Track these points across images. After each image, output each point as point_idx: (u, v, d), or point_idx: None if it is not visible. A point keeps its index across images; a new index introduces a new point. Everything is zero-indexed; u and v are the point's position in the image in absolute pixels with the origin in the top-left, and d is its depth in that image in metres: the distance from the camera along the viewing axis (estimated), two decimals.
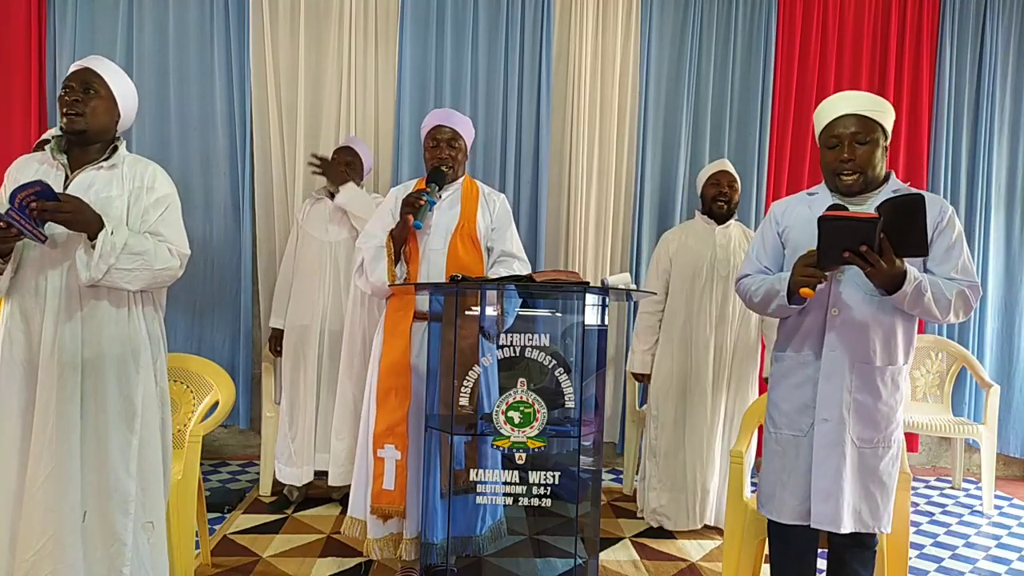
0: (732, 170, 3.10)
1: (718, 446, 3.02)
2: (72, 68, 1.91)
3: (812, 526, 1.83)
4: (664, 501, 3.04)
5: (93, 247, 1.76)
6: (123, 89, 1.95)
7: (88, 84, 1.87)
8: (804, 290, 1.70)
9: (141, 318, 1.93)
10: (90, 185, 1.86)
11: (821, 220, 1.63)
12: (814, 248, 1.70)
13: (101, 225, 1.77)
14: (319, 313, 3.17)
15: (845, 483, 1.80)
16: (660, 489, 3.05)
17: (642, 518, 3.17)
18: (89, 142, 1.90)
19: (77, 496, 1.80)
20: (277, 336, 3.34)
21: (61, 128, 1.88)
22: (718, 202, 3.01)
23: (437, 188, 2.37)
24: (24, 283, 1.82)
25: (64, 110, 1.85)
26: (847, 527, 1.80)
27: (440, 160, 2.43)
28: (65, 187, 1.84)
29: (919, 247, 1.65)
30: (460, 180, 2.50)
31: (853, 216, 1.61)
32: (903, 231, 1.62)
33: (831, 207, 1.72)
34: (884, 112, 1.82)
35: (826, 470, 1.80)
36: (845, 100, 1.83)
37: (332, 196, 3.23)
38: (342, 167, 3.20)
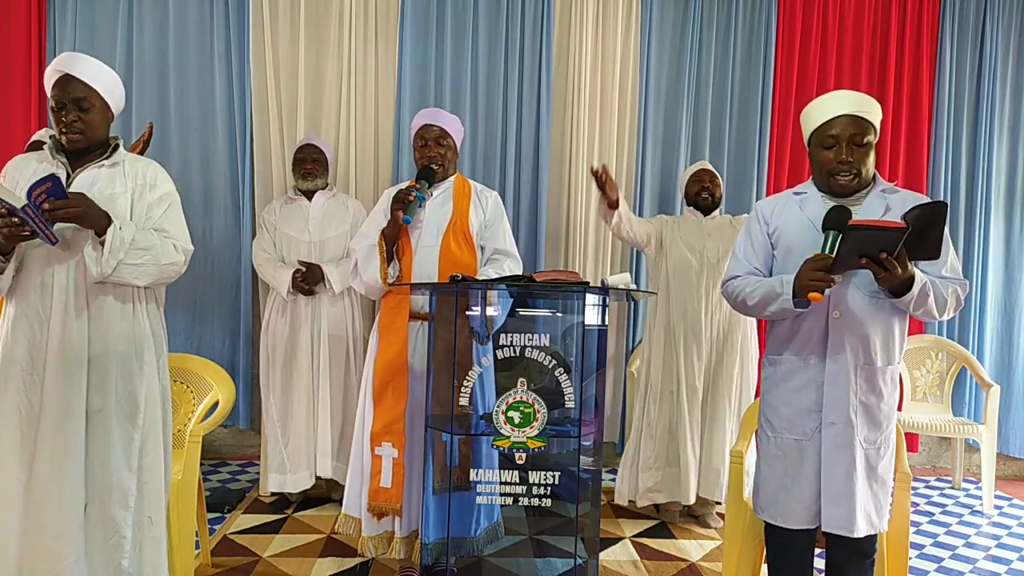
0: (712, 168, 3.35)
1: (727, 424, 3.10)
2: (53, 76, 1.85)
3: (824, 530, 1.82)
4: (659, 478, 3.13)
5: (101, 243, 1.77)
6: (109, 87, 1.92)
7: (79, 100, 1.84)
8: (813, 294, 1.66)
9: (145, 315, 1.94)
10: (93, 183, 1.86)
11: (849, 229, 1.61)
12: (817, 251, 1.69)
13: (109, 221, 1.78)
14: (308, 317, 3.16)
15: (857, 486, 1.79)
16: (656, 468, 3.13)
17: (632, 502, 3.19)
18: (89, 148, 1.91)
19: (82, 494, 1.81)
20: (301, 269, 3.09)
21: (61, 144, 1.88)
22: (702, 195, 3.23)
23: (427, 185, 2.39)
24: (29, 281, 1.82)
25: (62, 128, 1.84)
26: (861, 531, 1.79)
27: (429, 159, 2.44)
28: (68, 185, 1.84)
29: (932, 252, 1.66)
30: (452, 178, 2.51)
31: (882, 225, 1.60)
32: (921, 237, 1.63)
33: (834, 209, 1.72)
34: (875, 112, 1.82)
35: (837, 473, 1.79)
36: (840, 100, 1.81)
37: (307, 196, 3.23)
38: (309, 164, 3.22)
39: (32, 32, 3.56)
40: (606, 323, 2.10)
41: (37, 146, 2.94)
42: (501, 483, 1.97)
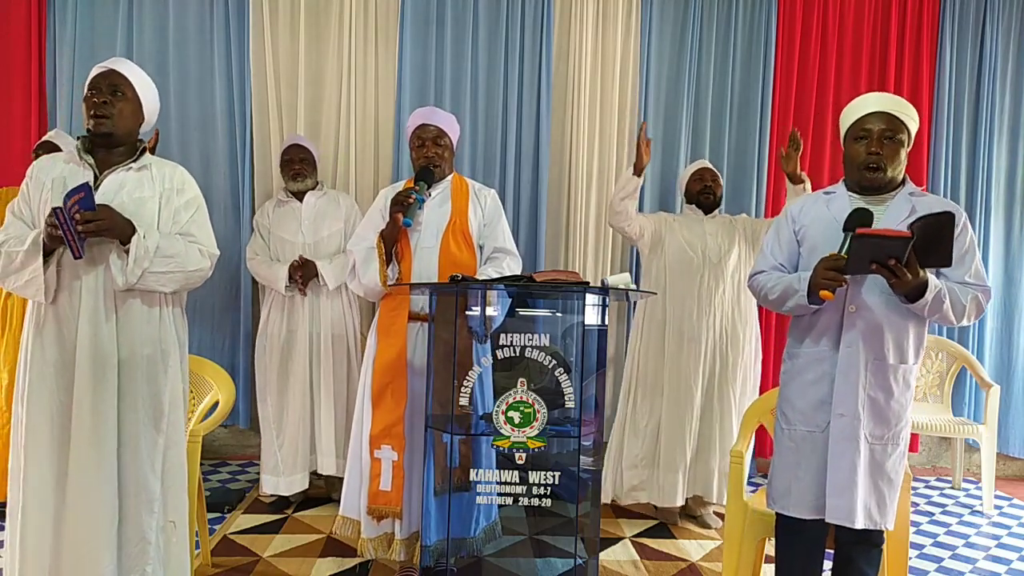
0: (712, 167, 3.38)
1: (733, 424, 3.09)
2: (97, 70, 1.90)
3: (827, 520, 1.84)
4: (645, 477, 3.13)
5: (126, 251, 1.77)
6: (148, 92, 1.96)
7: (115, 87, 1.87)
8: (824, 292, 1.72)
9: (171, 319, 1.95)
10: (122, 186, 1.86)
11: (855, 237, 1.67)
12: (835, 251, 1.74)
13: (133, 230, 1.78)
14: (305, 316, 3.15)
15: (859, 478, 1.82)
16: (641, 466, 3.13)
17: (614, 501, 3.19)
18: (115, 144, 1.91)
19: (115, 500, 1.81)
20: (296, 264, 3.08)
21: (88, 130, 1.88)
22: (704, 194, 3.24)
23: (426, 186, 2.38)
24: (58, 284, 1.82)
25: (92, 112, 1.85)
26: (860, 522, 1.82)
27: (427, 159, 2.43)
28: (96, 188, 1.83)
29: (944, 260, 1.70)
30: (449, 177, 2.50)
31: (888, 234, 1.65)
32: (931, 245, 1.66)
33: (856, 211, 1.76)
34: (912, 116, 1.86)
35: (841, 465, 1.83)
36: (876, 98, 1.88)
37: (299, 197, 3.23)
38: (297, 165, 3.22)
39: (32, 32, 3.56)
40: (606, 323, 2.10)
41: (46, 146, 2.94)
42: (501, 483, 1.97)
